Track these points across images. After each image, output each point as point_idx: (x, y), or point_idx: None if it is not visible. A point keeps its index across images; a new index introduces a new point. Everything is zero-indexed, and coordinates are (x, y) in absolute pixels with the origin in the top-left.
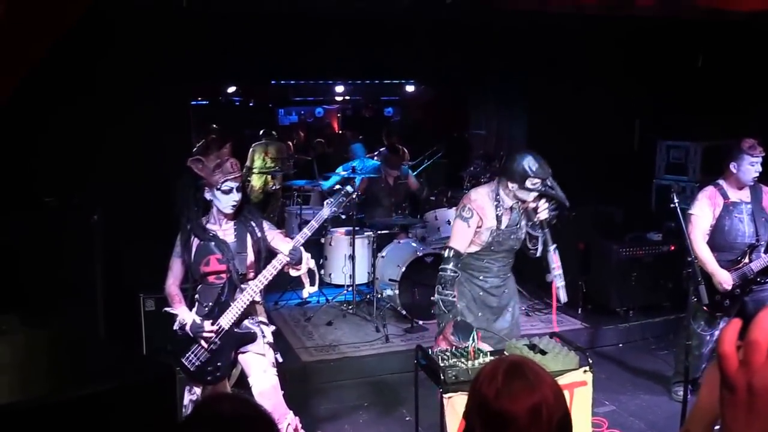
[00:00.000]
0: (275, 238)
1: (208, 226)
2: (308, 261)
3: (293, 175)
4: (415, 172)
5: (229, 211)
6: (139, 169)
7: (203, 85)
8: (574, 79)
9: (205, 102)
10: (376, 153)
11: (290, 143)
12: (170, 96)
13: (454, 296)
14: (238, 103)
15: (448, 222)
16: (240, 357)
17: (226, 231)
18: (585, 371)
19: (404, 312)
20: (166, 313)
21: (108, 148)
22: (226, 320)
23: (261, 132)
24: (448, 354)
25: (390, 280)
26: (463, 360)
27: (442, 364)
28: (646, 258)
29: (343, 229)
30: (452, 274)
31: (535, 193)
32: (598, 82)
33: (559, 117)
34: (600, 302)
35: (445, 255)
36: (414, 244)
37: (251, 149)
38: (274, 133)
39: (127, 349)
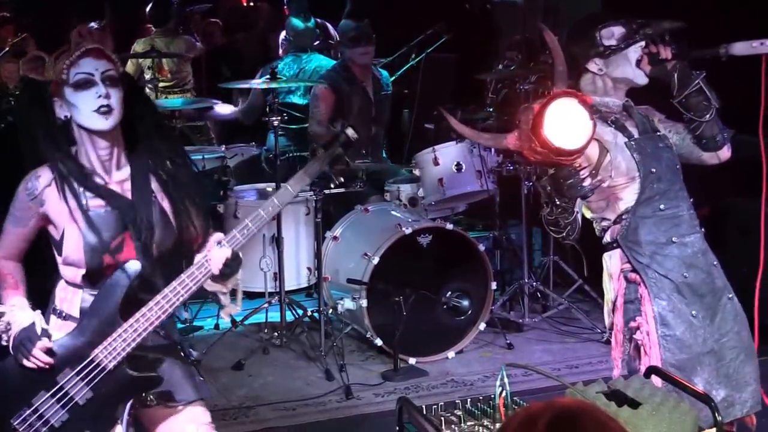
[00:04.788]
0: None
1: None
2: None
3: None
4: (394, 76)
5: (101, 125)
6: None
7: None
8: None
9: None
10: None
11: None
12: None
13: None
14: None
15: (458, 167)
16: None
17: (123, 183)
18: None
19: (379, 341)
20: None
21: None
22: (108, 351)
23: (149, 8)
24: (459, 413)
25: (350, 281)
26: (487, 422)
27: (447, 430)
28: None
29: (257, 188)
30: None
31: (632, 51)
32: None
33: None
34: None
35: None
36: (396, 213)
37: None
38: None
39: None
